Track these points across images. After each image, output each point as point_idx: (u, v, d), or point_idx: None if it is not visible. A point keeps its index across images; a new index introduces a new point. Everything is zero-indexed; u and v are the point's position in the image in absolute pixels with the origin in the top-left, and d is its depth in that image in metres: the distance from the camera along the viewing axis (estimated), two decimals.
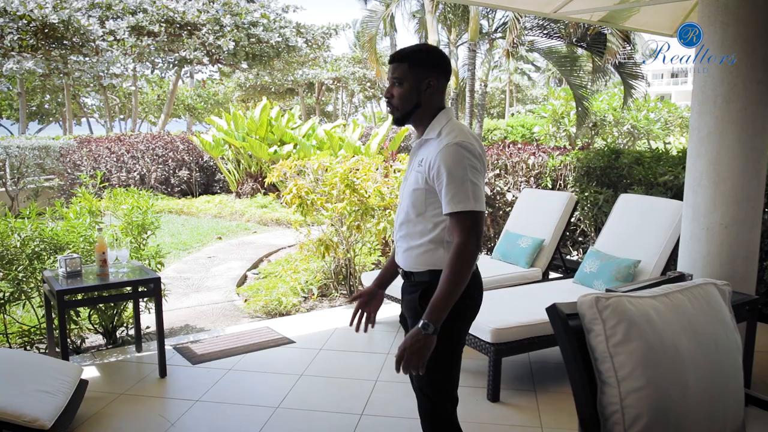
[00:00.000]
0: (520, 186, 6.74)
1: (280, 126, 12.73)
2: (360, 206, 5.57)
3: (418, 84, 2.25)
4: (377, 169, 6.02)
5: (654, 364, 1.69)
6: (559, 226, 5.26)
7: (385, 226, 5.77)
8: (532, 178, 6.79)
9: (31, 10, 17.66)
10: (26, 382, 3.20)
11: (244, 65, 21.22)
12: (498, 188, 6.53)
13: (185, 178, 13.81)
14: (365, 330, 2.53)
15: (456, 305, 2.10)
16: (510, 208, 6.58)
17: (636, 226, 4.59)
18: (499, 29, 12.16)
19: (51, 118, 36.40)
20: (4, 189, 11.79)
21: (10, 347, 4.58)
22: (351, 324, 2.53)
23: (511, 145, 7.19)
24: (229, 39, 19.42)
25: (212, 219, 11.02)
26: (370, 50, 12.98)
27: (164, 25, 19.68)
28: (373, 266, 6.56)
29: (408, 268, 2.32)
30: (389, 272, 2.57)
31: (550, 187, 6.80)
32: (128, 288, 4.26)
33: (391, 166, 6.22)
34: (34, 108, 33.49)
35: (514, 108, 46.97)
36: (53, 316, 4.05)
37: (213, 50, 20.05)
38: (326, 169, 5.82)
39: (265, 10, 20.80)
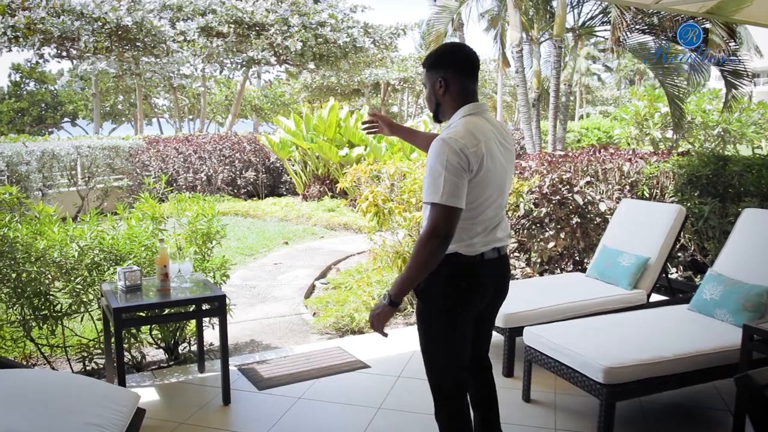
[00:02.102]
0: (613, 195, 6.13)
1: (349, 127, 12.36)
2: None
3: (434, 85, 2.49)
4: None
5: None
6: (667, 242, 4.64)
7: None
8: (627, 187, 6.16)
9: (106, 13, 17.90)
10: (74, 413, 2.84)
11: (311, 65, 21.04)
12: (589, 197, 5.94)
13: (252, 180, 13.62)
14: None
15: (440, 289, 2.43)
16: (600, 219, 5.98)
17: (766, 248, 3.95)
18: (587, 24, 11.43)
19: (124, 119, 37.36)
20: (75, 188, 11.83)
21: (69, 361, 4.30)
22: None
23: (602, 150, 6.57)
24: (297, 39, 19.24)
25: (278, 222, 10.73)
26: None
27: (233, 25, 19.68)
28: None
29: None
30: (411, 136, 3.05)
31: (647, 196, 6.16)
32: (191, 306, 3.89)
33: None
34: (107, 108, 34.39)
35: (583, 110, 45.60)
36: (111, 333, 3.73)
37: (280, 50, 19.94)
38: (404, 175, 5.36)
39: (333, 10, 20.56)
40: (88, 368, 4.23)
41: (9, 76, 37.29)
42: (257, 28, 19.97)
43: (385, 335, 2.48)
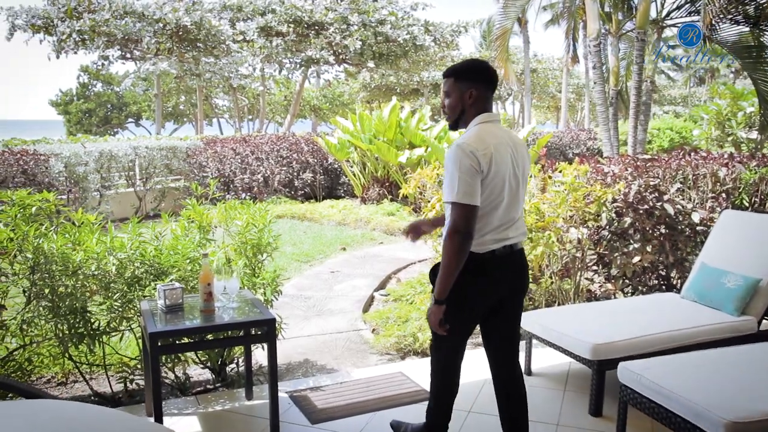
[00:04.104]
0: (706, 204, 5.48)
1: (410, 127, 11.88)
2: None
3: (462, 95, 2.72)
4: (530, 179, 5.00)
5: None
6: None
7: (543, 251, 4.74)
8: (722, 195, 5.50)
9: (166, 14, 17.95)
10: None
11: (371, 64, 20.65)
12: (679, 207, 5.30)
13: (309, 181, 13.30)
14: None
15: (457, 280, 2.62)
16: (690, 231, 5.34)
17: None
18: (672, 14, 10.59)
19: (185, 119, 37.87)
20: (132, 189, 11.74)
21: (108, 380, 3.97)
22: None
23: (692, 153, 5.90)
24: (356, 38, 18.91)
25: (336, 226, 10.34)
26: (501, 47, 11.76)
27: (292, 25, 19.50)
28: None
29: None
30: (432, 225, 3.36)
31: (746, 206, 5.49)
32: (237, 330, 3.49)
33: (549, 177, 5.17)
34: (170, 109, 34.88)
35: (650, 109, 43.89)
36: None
37: (339, 50, 19.64)
38: None
39: (393, 7, 20.15)
40: (129, 388, 3.90)
41: (78, 77, 38.30)
42: (316, 27, 19.73)
43: (444, 333, 2.72)
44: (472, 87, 2.69)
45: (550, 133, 13.02)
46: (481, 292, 2.74)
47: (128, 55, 19.84)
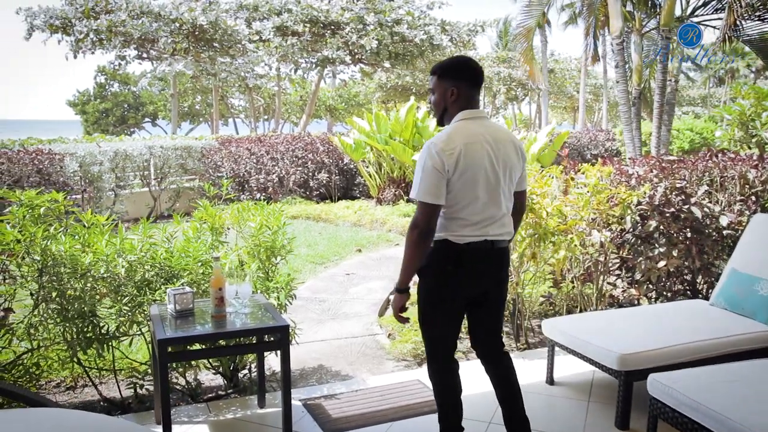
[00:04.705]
0: (734, 207, 5.29)
1: (427, 128, 11.74)
2: (536, 229, 4.42)
3: (445, 92, 2.77)
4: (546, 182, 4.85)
5: None
6: None
7: (565, 255, 4.59)
8: (751, 198, 5.30)
9: (183, 14, 17.95)
10: None
11: (387, 64, 20.52)
12: (707, 210, 5.12)
13: (324, 182, 13.19)
14: None
15: (431, 270, 2.77)
16: (717, 235, 5.16)
17: None
18: (698, 11, 10.33)
19: (201, 119, 37.95)
20: (147, 189, 11.69)
21: (118, 385, 3.87)
22: None
23: (719, 155, 5.71)
24: (372, 37, 18.78)
25: (351, 227, 10.22)
26: (526, 46, 11.58)
27: (308, 24, 19.41)
28: (543, 299, 5.38)
29: None
30: None
31: None
32: (249, 337, 3.38)
33: (572, 178, 5.01)
34: (186, 109, 34.96)
35: None
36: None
37: (356, 49, 19.53)
38: None
39: (410, 6, 20.00)
40: (139, 394, 3.79)
41: (95, 78, 38.49)
42: (332, 27, 19.63)
43: (404, 321, 2.86)
44: (454, 85, 2.75)
45: (567, 131, 12.78)
46: (462, 283, 2.79)
47: (144, 55, 19.87)
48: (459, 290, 2.79)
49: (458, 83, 2.75)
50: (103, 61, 54.33)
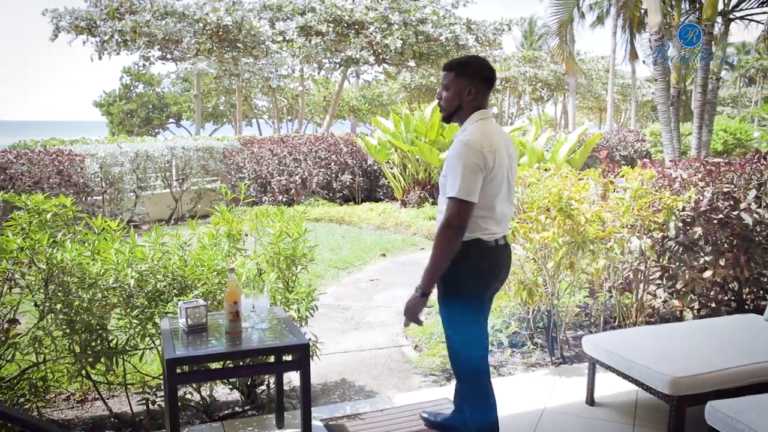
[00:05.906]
0: None
1: (454, 128, 11.43)
2: (574, 237, 4.12)
3: (461, 91, 2.76)
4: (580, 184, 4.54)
5: None
6: None
7: (604, 264, 4.28)
8: None
9: (207, 14, 17.86)
10: None
11: (411, 64, 20.26)
12: (757, 216, 4.78)
13: (347, 183, 12.95)
14: None
15: (455, 271, 2.73)
16: (767, 242, 4.82)
17: None
18: (742, 5, 9.87)
19: (225, 120, 37.99)
20: (168, 190, 11.55)
21: (129, 400, 3.65)
22: None
23: (766, 157, 5.35)
24: (397, 37, 18.52)
25: (375, 231, 9.97)
26: (560, 40, 11.21)
27: (332, 24, 19.21)
28: (578, 310, 5.08)
29: None
30: None
31: None
32: (266, 356, 3.13)
33: (611, 182, 4.69)
34: (209, 109, 34.99)
35: None
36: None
37: (380, 49, 19.28)
38: (528, 185, 4.43)
39: (435, 6, 19.71)
40: (151, 409, 3.57)
41: (120, 78, 38.70)
42: (356, 27, 19.42)
43: (420, 323, 2.87)
44: (471, 84, 2.75)
45: (599, 133, 12.39)
46: (490, 283, 2.84)
47: (168, 56, 19.83)
48: (488, 289, 2.86)
49: (476, 82, 2.75)
50: (128, 62, 54.72)
